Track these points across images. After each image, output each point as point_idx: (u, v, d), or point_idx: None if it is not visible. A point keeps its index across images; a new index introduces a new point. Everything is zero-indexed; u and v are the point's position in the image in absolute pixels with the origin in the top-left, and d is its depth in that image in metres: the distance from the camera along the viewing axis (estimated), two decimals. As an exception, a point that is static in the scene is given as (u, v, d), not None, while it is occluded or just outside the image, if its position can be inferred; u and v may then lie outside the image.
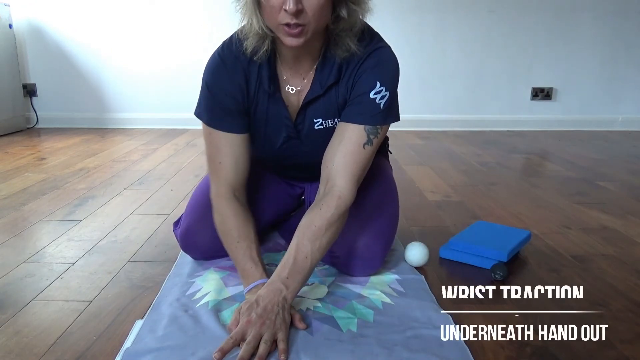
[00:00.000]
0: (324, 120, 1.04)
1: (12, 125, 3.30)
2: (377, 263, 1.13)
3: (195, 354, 0.82)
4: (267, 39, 0.94)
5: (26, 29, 3.41)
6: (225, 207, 1.04)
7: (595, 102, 3.65)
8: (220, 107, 1.02)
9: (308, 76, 1.02)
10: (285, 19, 0.84)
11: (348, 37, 0.94)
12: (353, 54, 0.96)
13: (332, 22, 0.92)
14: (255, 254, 1.01)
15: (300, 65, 1.00)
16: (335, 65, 0.98)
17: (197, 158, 2.54)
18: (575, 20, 3.49)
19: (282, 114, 1.03)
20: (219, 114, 1.02)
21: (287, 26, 0.85)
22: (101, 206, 1.71)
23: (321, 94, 1.00)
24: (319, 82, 1.00)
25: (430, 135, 3.38)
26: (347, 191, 0.98)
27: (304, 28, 0.86)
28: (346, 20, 0.91)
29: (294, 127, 1.05)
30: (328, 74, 0.98)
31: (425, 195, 1.87)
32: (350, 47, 0.94)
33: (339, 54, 0.96)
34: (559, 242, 1.39)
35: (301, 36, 0.87)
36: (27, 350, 0.86)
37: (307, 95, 1.01)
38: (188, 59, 3.40)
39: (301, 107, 1.03)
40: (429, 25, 3.49)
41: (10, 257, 1.28)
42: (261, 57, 0.97)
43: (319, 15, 0.86)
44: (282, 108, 1.03)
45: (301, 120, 1.05)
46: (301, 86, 1.02)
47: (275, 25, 0.87)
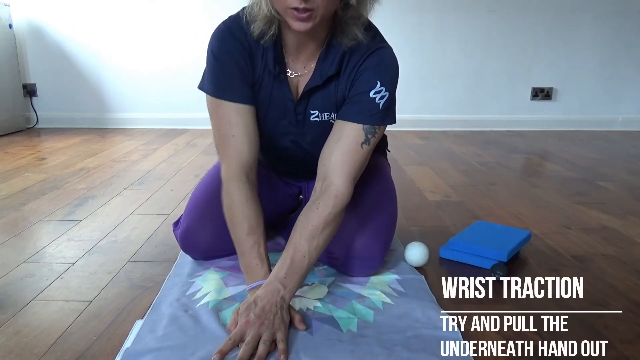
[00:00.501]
0: (320, 112, 1.03)
1: (12, 125, 3.30)
2: (376, 263, 1.12)
3: (195, 354, 0.82)
4: (274, 23, 0.93)
5: (26, 29, 3.41)
6: (236, 191, 1.00)
7: (595, 102, 3.65)
8: (227, 76, 0.99)
9: (309, 64, 1.01)
10: (294, 3, 0.83)
11: (355, 25, 0.93)
12: (359, 44, 0.95)
13: (340, 9, 0.91)
14: (262, 249, 0.99)
15: (303, 51, 1.00)
16: (337, 56, 0.97)
17: (197, 158, 2.54)
18: (575, 20, 3.49)
19: (286, 97, 1.02)
20: (226, 83, 0.99)
21: (295, 10, 0.84)
22: (101, 206, 1.71)
23: (320, 84, 0.99)
24: (319, 72, 0.99)
25: (430, 135, 3.38)
26: (344, 190, 0.98)
27: (313, 13, 0.85)
28: (355, 8, 0.91)
29: (294, 112, 1.04)
30: (330, 65, 0.98)
31: (425, 195, 1.87)
32: (357, 35, 0.93)
33: (345, 42, 0.95)
34: (559, 242, 1.39)
35: (309, 21, 0.86)
36: (27, 350, 0.86)
37: (308, 84, 1.01)
38: (188, 59, 3.40)
39: (301, 96, 1.02)
40: (429, 25, 3.49)
41: (10, 257, 1.28)
42: (267, 40, 0.96)
43: (328, 0, 0.85)
44: (286, 90, 1.02)
45: (301, 110, 1.04)
46: (301, 73, 1.02)
47: (284, 9, 0.87)
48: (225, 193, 1.02)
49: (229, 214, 1.02)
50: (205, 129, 3.28)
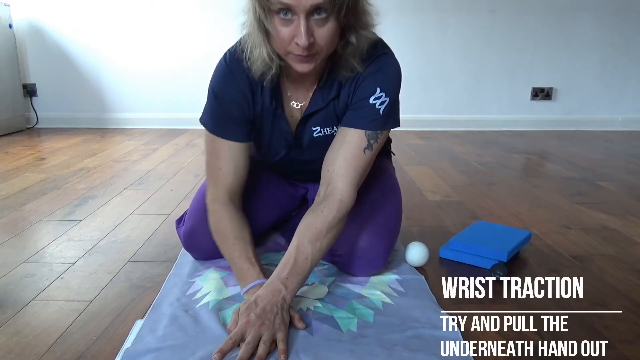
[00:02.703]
0: (322, 128, 1.05)
1: (12, 125, 3.30)
2: (380, 263, 1.13)
3: (195, 353, 0.82)
4: (274, 64, 0.94)
5: (26, 29, 3.41)
6: (221, 211, 1.05)
7: (595, 102, 3.65)
8: (226, 115, 1.03)
9: (311, 89, 1.03)
10: (297, 50, 0.85)
11: (354, 59, 0.95)
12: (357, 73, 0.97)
13: (341, 47, 0.93)
14: (251, 254, 1.01)
15: (305, 80, 1.02)
16: (336, 82, 0.99)
17: (197, 158, 2.54)
18: (575, 20, 3.49)
19: (284, 130, 1.05)
20: (224, 121, 1.03)
21: (298, 55, 0.86)
22: (101, 206, 1.71)
23: (322, 107, 1.02)
24: (320, 96, 1.01)
25: (430, 135, 3.38)
26: (348, 194, 0.99)
27: (316, 55, 0.87)
28: (354, 45, 0.93)
29: (294, 141, 1.07)
30: (329, 90, 1.00)
31: (425, 195, 1.87)
32: (355, 67, 0.95)
33: (343, 74, 0.97)
34: (559, 242, 1.39)
35: (312, 62, 0.88)
36: (27, 350, 0.86)
37: (308, 108, 1.03)
38: (188, 59, 3.41)
39: (301, 120, 1.04)
40: (429, 25, 3.49)
41: (10, 257, 1.28)
42: (268, 81, 0.97)
43: (330, 44, 0.87)
44: (284, 124, 1.04)
45: (301, 131, 1.06)
46: (304, 101, 1.04)
47: (285, 53, 0.88)
48: (211, 214, 1.07)
49: (216, 231, 1.06)
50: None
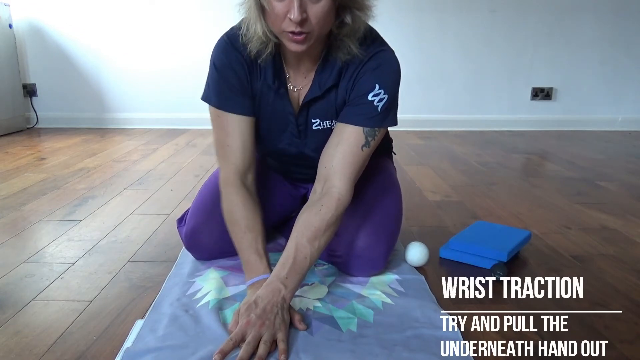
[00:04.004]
0: (321, 121, 1.05)
1: (12, 125, 3.30)
2: (379, 264, 1.12)
3: (195, 353, 0.82)
4: (270, 43, 0.95)
5: (26, 29, 3.41)
6: (233, 195, 1.03)
7: (595, 102, 3.65)
8: (228, 87, 1.02)
9: (309, 76, 1.02)
10: (290, 26, 0.85)
11: (350, 41, 0.94)
12: (354, 56, 0.96)
13: (335, 27, 0.92)
14: (261, 246, 1.00)
15: (302, 65, 1.01)
16: (335, 68, 0.98)
17: (197, 158, 2.54)
18: (575, 20, 3.49)
19: (286, 110, 1.04)
20: (227, 94, 1.02)
21: (291, 33, 0.86)
22: (101, 206, 1.71)
23: (319, 95, 1.01)
24: (317, 83, 1.00)
25: (430, 135, 3.38)
26: (346, 192, 0.99)
27: (308, 35, 0.87)
28: (350, 26, 0.92)
29: (296, 125, 1.06)
30: (327, 77, 0.99)
31: (425, 195, 1.87)
32: (351, 49, 0.95)
33: (340, 57, 0.97)
34: (559, 242, 1.39)
35: (305, 42, 0.88)
36: (27, 350, 0.86)
37: (307, 95, 1.02)
38: (188, 59, 3.41)
39: (301, 107, 1.04)
40: (429, 25, 3.49)
41: (10, 257, 1.28)
42: (264, 59, 0.98)
43: (323, 22, 0.87)
44: (287, 104, 1.04)
45: (302, 121, 1.05)
46: (302, 85, 1.03)
47: (279, 32, 0.89)
48: (224, 198, 1.05)
49: (228, 216, 1.04)
50: (205, 129, 3.28)
